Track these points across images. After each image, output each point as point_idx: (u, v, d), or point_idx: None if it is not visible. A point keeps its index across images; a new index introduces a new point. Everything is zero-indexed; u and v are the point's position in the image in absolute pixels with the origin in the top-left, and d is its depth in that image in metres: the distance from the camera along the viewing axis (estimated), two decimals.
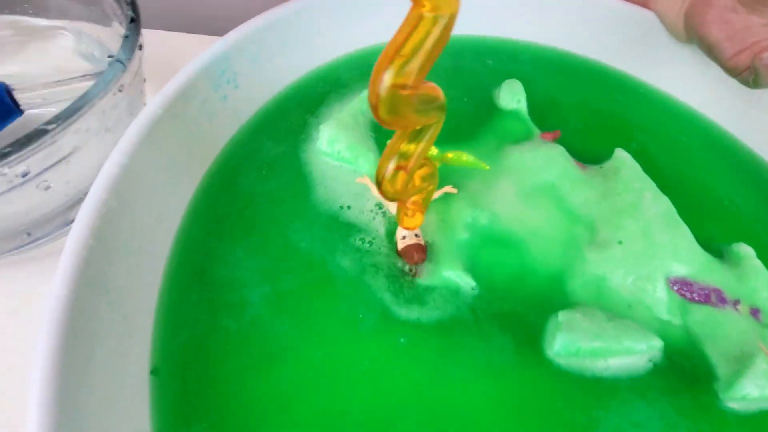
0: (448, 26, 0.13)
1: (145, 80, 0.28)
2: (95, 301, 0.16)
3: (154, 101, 0.21)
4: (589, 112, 0.32)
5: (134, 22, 0.24)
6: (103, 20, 0.29)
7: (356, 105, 0.27)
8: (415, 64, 0.13)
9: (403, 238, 0.22)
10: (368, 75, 0.13)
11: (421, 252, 0.22)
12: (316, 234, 0.23)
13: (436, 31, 0.13)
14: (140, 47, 0.24)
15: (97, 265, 0.17)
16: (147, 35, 0.25)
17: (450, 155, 0.21)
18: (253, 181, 0.24)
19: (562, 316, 0.20)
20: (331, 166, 0.25)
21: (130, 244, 0.19)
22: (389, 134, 0.27)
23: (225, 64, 0.24)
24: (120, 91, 0.24)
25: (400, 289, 0.21)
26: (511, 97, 0.30)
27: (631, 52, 0.34)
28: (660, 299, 0.23)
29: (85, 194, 0.18)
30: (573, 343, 0.19)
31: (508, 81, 0.30)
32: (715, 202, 0.28)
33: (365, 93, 0.28)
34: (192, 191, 0.23)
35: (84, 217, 0.17)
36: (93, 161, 0.25)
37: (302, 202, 0.24)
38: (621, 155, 0.27)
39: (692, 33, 0.29)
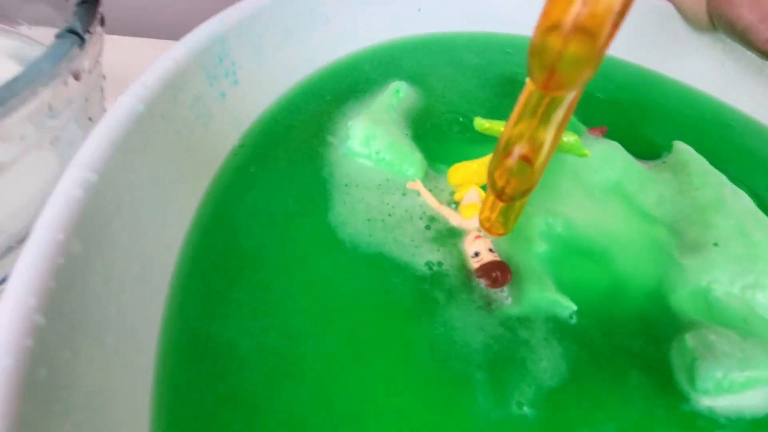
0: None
1: (105, 78, 0.21)
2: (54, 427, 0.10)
3: (131, 93, 0.14)
4: (620, 107, 0.30)
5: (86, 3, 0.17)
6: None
7: (386, 99, 0.22)
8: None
9: (476, 255, 0.17)
10: (391, 70, 0.09)
11: (505, 271, 0.17)
12: (356, 267, 0.17)
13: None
14: (102, 21, 0.18)
15: (51, 361, 0.10)
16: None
17: None
18: (264, 207, 0.18)
19: (691, 340, 0.16)
20: (367, 171, 0.20)
21: (104, 315, 0.12)
22: (428, 136, 0.23)
23: (222, 49, 0.18)
24: (76, 79, 0.17)
25: (488, 328, 0.16)
26: None
27: (648, 44, 0.33)
28: None
29: (20, 239, 0.11)
30: (722, 375, 0.15)
31: None
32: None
33: (394, 85, 0.23)
34: (187, 224, 0.17)
35: (25, 274, 0.10)
36: (31, 188, 0.18)
37: (328, 222, 0.18)
38: (683, 147, 0.24)
39: (720, 18, 0.28)
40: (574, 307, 0.17)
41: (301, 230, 0.18)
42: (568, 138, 0.18)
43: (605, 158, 0.23)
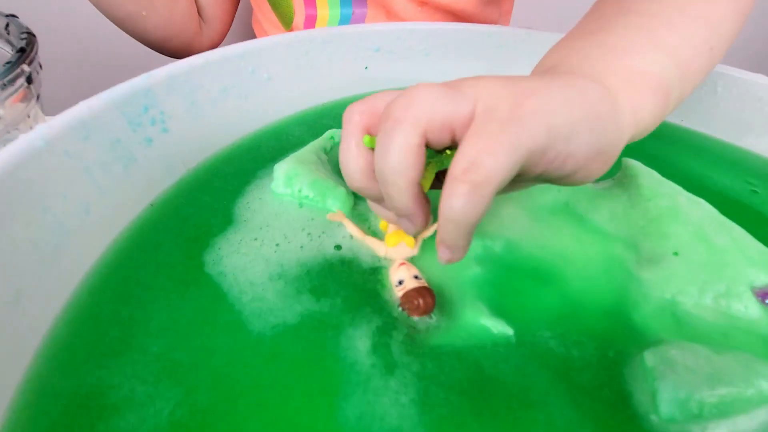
0: None
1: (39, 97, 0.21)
2: None
3: (35, 130, 0.15)
4: None
5: (24, 53, 0.19)
6: None
7: (318, 143, 0.22)
8: None
9: (399, 283, 0.16)
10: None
11: (428, 297, 0.15)
12: (272, 303, 0.16)
13: None
14: (29, 81, 0.19)
15: None
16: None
17: None
18: (179, 253, 0.18)
19: (649, 357, 0.14)
20: (290, 208, 0.19)
21: None
22: None
23: (148, 100, 0.19)
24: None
25: (409, 353, 0.14)
26: None
27: None
28: (754, 319, 0.17)
29: None
30: (686, 395, 0.13)
31: None
32: (737, 195, 0.24)
33: (330, 131, 0.24)
34: (87, 267, 0.16)
35: None
36: None
37: (234, 274, 0.17)
38: (631, 163, 0.23)
39: None
40: (510, 332, 0.15)
41: (198, 290, 0.16)
42: None
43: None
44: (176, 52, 0.35)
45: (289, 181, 0.19)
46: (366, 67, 0.28)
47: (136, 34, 0.33)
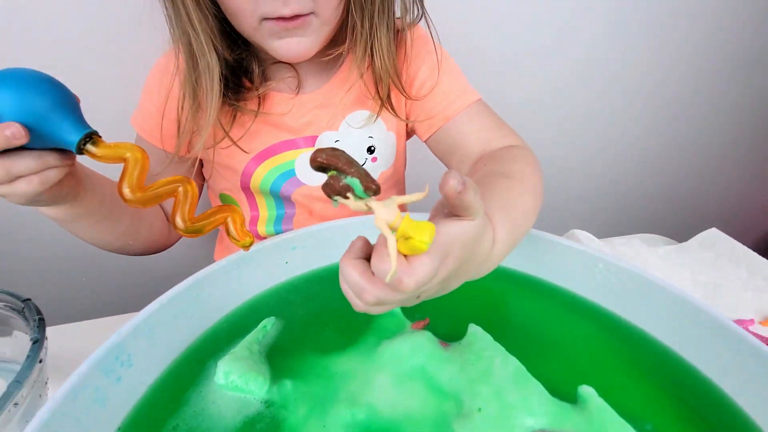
0: None
1: (47, 381, 0.30)
2: None
3: (43, 409, 0.23)
4: (456, 297, 0.39)
5: (37, 343, 0.27)
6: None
7: (252, 336, 0.33)
8: None
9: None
10: (253, 326, 0.17)
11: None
12: None
13: None
14: (41, 361, 0.28)
15: None
16: (49, 331, 0.29)
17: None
18: None
19: None
20: (224, 399, 0.29)
21: None
22: (283, 358, 0.32)
23: (119, 351, 0.28)
24: (15, 405, 0.25)
25: None
26: None
27: None
28: None
29: None
30: None
31: None
32: (562, 348, 0.33)
33: (264, 321, 0.34)
34: None
35: None
36: None
37: None
38: (473, 329, 0.33)
39: None
40: None
41: None
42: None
43: (415, 348, 0.32)
44: (152, 253, 0.47)
45: (226, 376, 0.29)
46: (286, 262, 0.39)
47: (120, 252, 0.42)
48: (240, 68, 0.40)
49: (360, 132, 0.45)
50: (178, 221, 0.26)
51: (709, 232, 0.53)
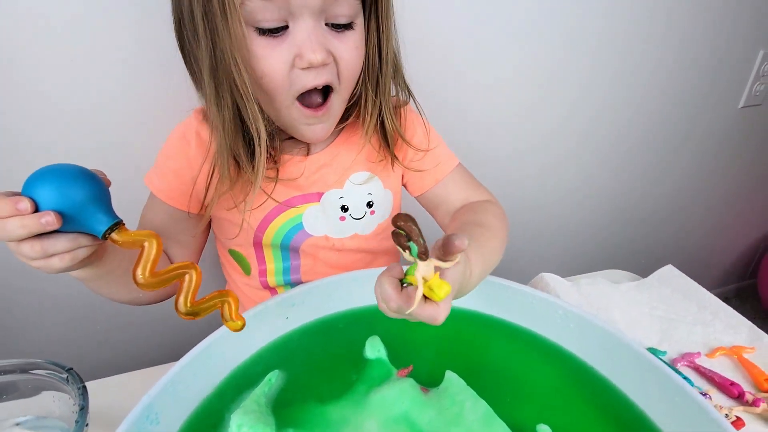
0: None
1: None
2: None
3: None
4: (437, 343, 0.45)
5: (84, 409, 0.32)
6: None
7: (259, 390, 0.38)
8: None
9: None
10: (259, 378, 0.22)
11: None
12: None
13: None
14: (87, 424, 0.33)
15: None
16: (90, 385, 0.34)
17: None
18: None
19: None
20: None
21: None
22: (286, 408, 0.38)
23: (149, 411, 0.33)
24: None
25: None
26: (373, 349, 0.42)
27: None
28: None
29: None
30: None
31: (370, 338, 0.43)
32: (526, 388, 0.39)
33: (269, 375, 0.39)
34: None
35: None
36: None
37: None
38: (449, 376, 0.38)
39: None
40: None
41: None
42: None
43: (400, 395, 0.37)
44: (160, 302, 0.50)
45: (239, 428, 0.34)
46: (287, 317, 0.45)
47: (131, 304, 0.46)
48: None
49: (361, 188, 0.51)
50: (180, 305, 0.31)
51: (665, 269, 0.59)
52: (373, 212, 0.53)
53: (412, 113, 0.53)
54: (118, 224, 0.31)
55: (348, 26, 0.39)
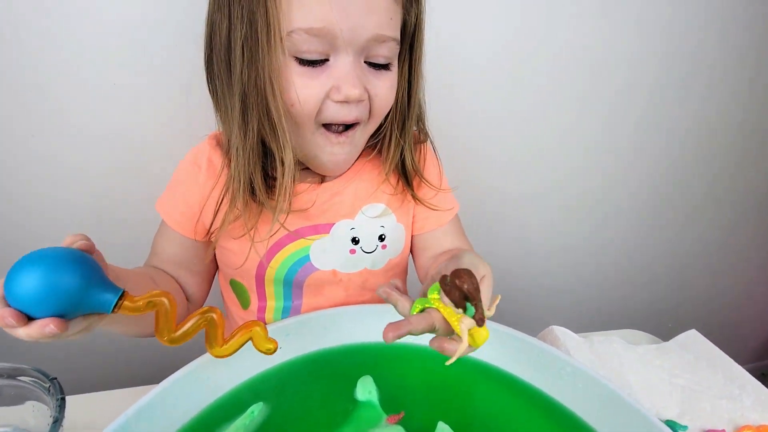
0: None
1: None
2: None
3: None
4: (433, 390, 0.42)
5: (57, 422, 0.30)
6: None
7: (239, 422, 0.36)
8: None
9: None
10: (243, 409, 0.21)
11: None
12: None
13: None
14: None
15: None
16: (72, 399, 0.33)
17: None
18: None
19: None
20: None
21: None
22: None
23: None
24: None
25: None
26: (364, 390, 0.40)
27: None
28: None
29: None
30: None
31: (362, 378, 0.41)
32: None
33: (251, 408, 0.38)
34: None
35: None
36: None
37: None
38: (441, 427, 0.36)
39: None
40: None
41: None
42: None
43: None
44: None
45: None
46: (280, 347, 0.43)
47: (143, 337, 0.43)
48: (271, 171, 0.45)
49: (374, 221, 0.50)
50: (215, 350, 0.31)
51: (689, 333, 0.55)
52: (384, 246, 0.52)
53: (430, 151, 0.53)
54: (123, 295, 0.29)
55: (385, 66, 0.40)
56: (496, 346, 0.44)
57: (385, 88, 0.40)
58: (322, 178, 0.49)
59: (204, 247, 0.48)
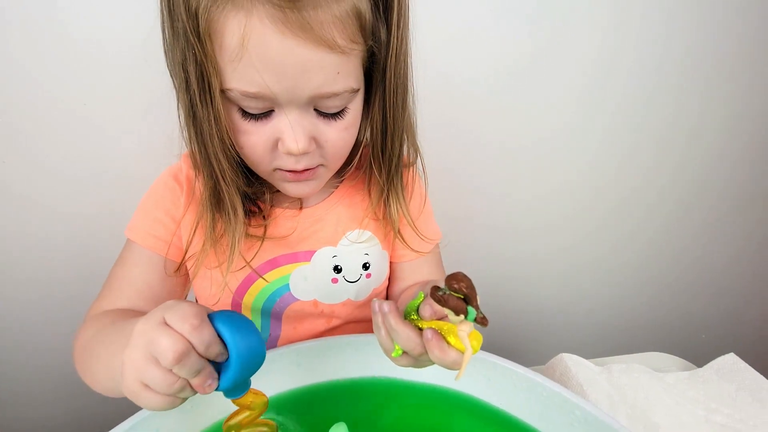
0: None
1: None
2: None
3: None
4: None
5: None
6: None
7: None
8: None
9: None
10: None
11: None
12: None
13: None
14: None
15: None
16: None
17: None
18: None
19: None
20: None
21: None
22: None
23: None
24: None
25: None
26: None
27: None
28: None
29: None
30: None
31: (334, 425, 0.36)
32: None
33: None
34: None
35: None
36: None
37: None
38: None
39: None
40: None
41: None
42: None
43: None
44: None
45: None
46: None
47: None
48: (250, 195, 0.42)
49: (357, 247, 0.46)
50: None
51: (726, 358, 0.47)
52: (369, 275, 0.47)
53: (418, 179, 0.48)
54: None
55: (339, 113, 0.36)
56: (493, 382, 0.38)
57: (337, 131, 0.37)
58: (301, 202, 0.45)
59: (181, 283, 0.44)
